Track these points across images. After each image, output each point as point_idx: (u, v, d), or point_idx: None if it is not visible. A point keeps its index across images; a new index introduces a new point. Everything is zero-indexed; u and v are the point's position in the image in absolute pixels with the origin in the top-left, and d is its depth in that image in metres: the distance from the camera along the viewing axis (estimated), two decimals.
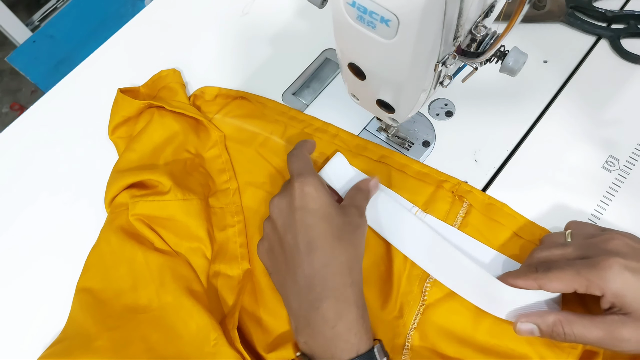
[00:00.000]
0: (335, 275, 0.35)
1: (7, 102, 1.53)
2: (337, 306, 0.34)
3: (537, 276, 0.36)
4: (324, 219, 0.36)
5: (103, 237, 0.44)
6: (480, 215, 0.43)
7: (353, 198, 0.40)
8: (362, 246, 0.38)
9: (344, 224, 0.37)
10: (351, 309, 0.34)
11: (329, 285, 0.34)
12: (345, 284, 0.35)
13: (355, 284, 0.35)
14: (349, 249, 0.36)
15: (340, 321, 0.33)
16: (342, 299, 0.34)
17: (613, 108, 0.48)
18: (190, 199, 0.43)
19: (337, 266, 0.35)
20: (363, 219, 0.39)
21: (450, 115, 0.49)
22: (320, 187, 0.37)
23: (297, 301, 0.36)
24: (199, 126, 0.50)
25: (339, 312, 0.34)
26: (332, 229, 0.36)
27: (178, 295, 0.40)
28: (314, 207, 0.36)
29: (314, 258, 0.35)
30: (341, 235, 0.36)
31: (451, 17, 0.28)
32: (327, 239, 0.36)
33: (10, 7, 1.14)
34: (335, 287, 0.34)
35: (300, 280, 0.35)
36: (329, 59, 0.53)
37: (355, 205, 0.39)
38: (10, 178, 0.50)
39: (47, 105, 0.54)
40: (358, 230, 0.38)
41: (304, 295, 0.35)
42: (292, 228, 0.36)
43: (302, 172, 0.38)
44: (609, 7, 0.52)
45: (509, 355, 0.39)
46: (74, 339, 0.40)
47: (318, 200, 0.37)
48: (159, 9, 0.59)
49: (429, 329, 0.40)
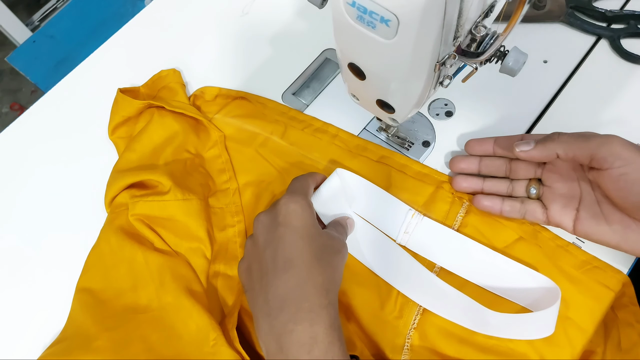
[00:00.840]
0: (311, 296, 0.33)
1: (7, 102, 1.53)
2: (312, 330, 0.31)
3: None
4: (305, 238, 0.35)
5: (103, 237, 0.44)
6: (480, 216, 0.43)
7: (336, 229, 0.40)
8: (341, 271, 0.37)
9: (325, 246, 0.36)
10: (327, 332, 0.32)
11: (304, 306, 0.32)
12: (321, 306, 0.32)
13: (331, 305, 0.33)
14: (328, 270, 0.34)
15: (317, 346, 0.31)
16: (318, 322, 0.32)
17: (613, 108, 0.48)
18: (190, 199, 0.43)
19: (313, 287, 0.33)
20: (345, 248, 0.38)
21: (450, 115, 0.49)
22: (307, 207, 0.36)
23: (267, 323, 0.33)
24: (199, 126, 0.50)
25: (315, 336, 0.31)
26: (312, 248, 0.34)
27: (178, 296, 0.40)
28: (297, 224, 0.35)
29: (290, 276, 0.33)
30: (321, 256, 0.34)
31: (451, 17, 0.28)
32: (305, 258, 0.34)
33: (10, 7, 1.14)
34: (311, 309, 0.32)
35: (272, 300, 0.33)
36: (329, 59, 0.53)
37: (338, 234, 0.39)
38: (10, 178, 0.50)
39: (47, 105, 0.54)
40: (339, 255, 0.37)
41: (274, 316, 0.32)
42: (272, 244, 0.35)
43: (293, 191, 0.38)
44: (609, 7, 0.52)
45: (508, 354, 0.39)
46: (73, 339, 0.40)
47: (302, 219, 0.36)
48: (159, 9, 0.59)
49: (429, 329, 0.40)
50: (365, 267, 0.42)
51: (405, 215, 0.43)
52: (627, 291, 0.41)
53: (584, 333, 0.39)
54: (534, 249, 0.42)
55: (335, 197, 0.42)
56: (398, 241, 0.43)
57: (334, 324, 0.32)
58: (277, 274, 0.34)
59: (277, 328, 0.32)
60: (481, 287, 0.41)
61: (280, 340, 0.32)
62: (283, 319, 0.32)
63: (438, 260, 0.42)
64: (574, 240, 0.42)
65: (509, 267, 0.41)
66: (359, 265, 0.42)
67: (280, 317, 0.32)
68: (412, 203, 0.44)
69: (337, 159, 0.47)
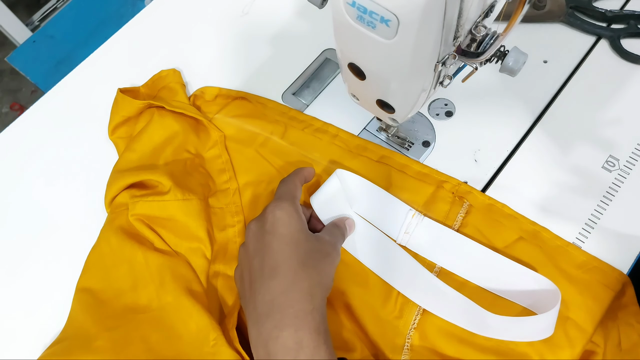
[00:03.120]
0: (296, 302, 0.33)
1: (7, 102, 1.53)
2: (297, 335, 0.32)
3: None
4: (291, 245, 0.35)
5: (103, 237, 0.44)
6: (480, 216, 0.43)
7: (330, 232, 0.40)
8: (329, 275, 0.37)
9: (312, 250, 0.36)
10: (312, 336, 0.33)
11: (289, 312, 0.33)
12: (305, 311, 0.33)
13: (316, 310, 0.34)
14: (313, 276, 0.35)
15: (302, 351, 0.32)
16: (303, 327, 0.33)
17: (613, 108, 0.48)
18: (190, 199, 0.43)
19: (298, 292, 0.34)
20: (336, 251, 0.38)
21: (450, 115, 0.49)
22: (294, 213, 0.37)
23: (255, 329, 0.34)
24: (199, 126, 0.50)
25: (300, 341, 0.32)
26: (297, 255, 0.35)
27: (178, 296, 0.40)
28: (283, 232, 0.36)
29: (275, 284, 0.34)
30: (306, 262, 0.35)
31: (451, 17, 0.28)
32: (290, 265, 0.35)
33: (10, 7, 1.14)
34: (296, 315, 0.33)
35: (259, 307, 0.34)
36: (329, 59, 0.53)
37: (330, 238, 0.39)
38: (10, 178, 0.50)
39: (47, 105, 0.54)
40: (327, 258, 0.37)
41: (261, 323, 0.33)
42: (259, 252, 0.36)
43: (280, 197, 0.38)
44: (609, 7, 0.52)
45: (508, 354, 0.39)
46: (73, 339, 0.40)
47: (288, 226, 0.36)
48: (159, 9, 0.59)
49: (429, 329, 0.40)
50: (365, 267, 0.42)
51: (405, 215, 0.43)
52: (627, 291, 0.41)
53: (584, 333, 0.39)
54: (534, 249, 0.42)
55: (334, 198, 0.42)
56: (398, 241, 0.43)
57: (319, 328, 0.33)
58: (263, 281, 0.35)
59: (264, 335, 0.33)
60: (481, 288, 0.41)
61: (268, 346, 0.33)
62: (269, 326, 0.33)
63: (438, 261, 0.42)
64: (574, 240, 0.42)
65: (509, 267, 0.41)
66: (359, 265, 0.42)
67: (267, 324, 0.33)
68: (412, 203, 0.44)
69: (338, 159, 0.47)
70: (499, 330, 0.38)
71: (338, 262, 0.38)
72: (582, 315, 0.39)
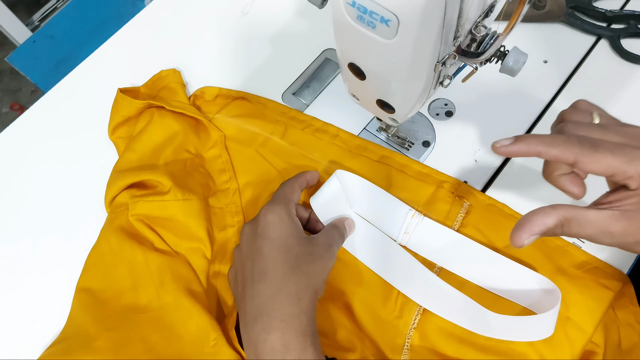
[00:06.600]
0: (283, 306, 0.34)
1: (7, 102, 1.53)
2: (284, 338, 0.33)
3: (581, 152, 0.31)
4: (281, 249, 0.36)
5: (103, 237, 0.44)
6: (480, 216, 0.43)
7: (327, 233, 0.40)
8: (320, 277, 0.37)
9: (302, 254, 0.36)
10: (299, 339, 0.33)
11: (276, 316, 0.34)
12: (292, 315, 0.34)
13: (303, 313, 0.34)
14: (301, 279, 0.35)
15: (289, 353, 0.33)
16: (289, 330, 0.33)
17: (613, 108, 0.47)
18: (190, 199, 0.43)
19: (285, 296, 0.34)
20: (330, 253, 0.38)
21: (450, 115, 0.49)
22: (285, 216, 0.37)
23: (246, 332, 0.35)
24: (199, 126, 0.50)
25: (287, 344, 0.33)
26: (287, 258, 0.36)
27: (178, 296, 0.40)
28: (274, 236, 0.36)
29: (264, 287, 0.35)
30: (296, 265, 0.35)
31: (451, 17, 0.28)
32: (279, 269, 0.35)
33: (10, 7, 1.14)
34: (282, 319, 0.34)
35: (249, 311, 0.35)
36: (329, 59, 0.53)
37: (325, 240, 0.39)
38: (10, 178, 0.50)
39: (47, 105, 0.54)
40: (319, 261, 0.37)
41: (251, 326, 0.34)
42: (251, 256, 0.37)
43: (274, 200, 0.39)
44: (609, 7, 0.52)
45: (508, 354, 0.39)
46: (73, 339, 0.40)
47: (279, 230, 0.37)
48: (159, 9, 0.59)
49: (429, 328, 0.40)
50: (365, 267, 0.42)
51: (405, 215, 0.43)
52: (627, 291, 0.41)
53: (584, 333, 0.39)
54: (533, 248, 0.42)
55: (334, 199, 0.42)
56: (398, 241, 0.43)
57: (305, 331, 0.34)
58: (253, 285, 0.35)
59: (252, 337, 0.34)
60: (481, 287, 0.41)
61: (257, 349, 0.33)
62: (257, 329, 0.34)
63: (438, 261, 0.42)
64: (574, 240, 0.42)
65: (509, 267, 0.41)
66: (359, 265, 0.42)
67: (255, 327, 0.34)
68: (412, 203, 0.44)
69: (338, 159, 0.47)
70: (499, 329, 0.38)
71: (332, 264, 0.38)
72: (582, 315, 0.39)
